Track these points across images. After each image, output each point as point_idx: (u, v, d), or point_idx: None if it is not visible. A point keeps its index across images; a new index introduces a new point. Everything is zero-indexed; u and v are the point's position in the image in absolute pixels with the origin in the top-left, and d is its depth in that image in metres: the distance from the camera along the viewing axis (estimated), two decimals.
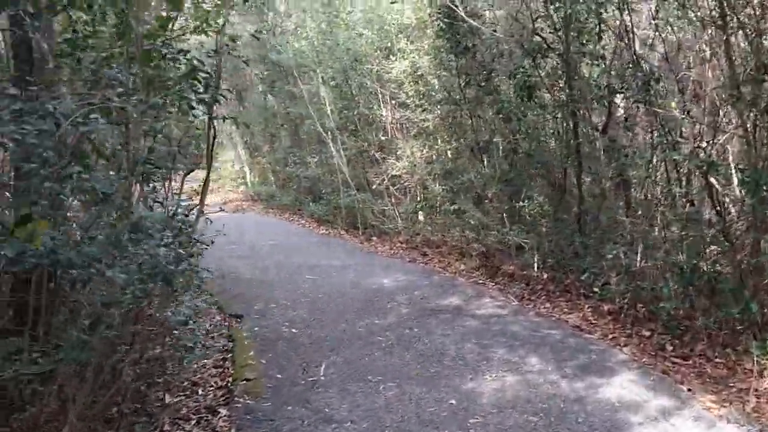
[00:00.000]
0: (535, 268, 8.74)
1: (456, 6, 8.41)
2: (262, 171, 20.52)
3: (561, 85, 8.34)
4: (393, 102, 12.47)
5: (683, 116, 6.35)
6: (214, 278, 8.80)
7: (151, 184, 4.04)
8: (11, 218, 2.56)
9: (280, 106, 17.60)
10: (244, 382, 5.17)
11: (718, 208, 6.03)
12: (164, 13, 3.57)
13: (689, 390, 4.91)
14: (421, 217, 11.94)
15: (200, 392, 5.09)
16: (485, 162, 9.98)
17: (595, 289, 7.19)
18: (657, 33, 7.16)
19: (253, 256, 10.88)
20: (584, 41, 7.76)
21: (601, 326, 6.64)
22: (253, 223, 15.37)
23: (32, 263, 2.42)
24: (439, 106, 10.83)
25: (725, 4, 5.47)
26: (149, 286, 3.05)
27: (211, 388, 5.20)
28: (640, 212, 7.42)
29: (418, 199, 11.94)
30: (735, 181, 6.26)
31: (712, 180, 5.93)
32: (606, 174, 7.90)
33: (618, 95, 7.66)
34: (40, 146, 2.48)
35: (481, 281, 8.98)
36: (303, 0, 15.23)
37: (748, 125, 5.63)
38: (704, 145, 6.08)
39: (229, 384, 5.21)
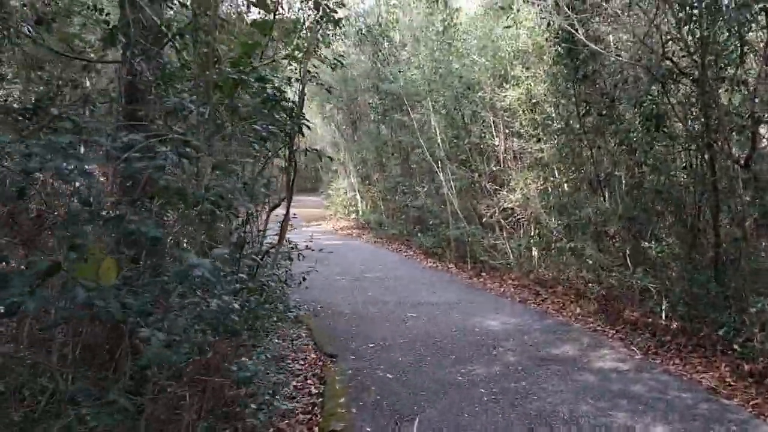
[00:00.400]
0: (663, 317, 7.86)
1: (575, 29, 7.81)
2: (373, 199, 20.46)
3: (695, 114, 7.52)
4: (506, 131, 11.91)
5: None
6: (311, 313, 8.65)
7: (232, 222, 3.81)
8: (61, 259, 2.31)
9: (391, 135, 17.49)
10: None
11: None
12: (251, 40, 3.32)
13: None
14: (534, 253, 11.23)
15: None
16: (606, 196, 9.20)
17: (735, 346, 6.29)
18: None
19: (356, 288, 10.62)
20: (723, 65, 6.95)
21: (741, 390, 5.74)
22: (360, 253, 15.20)
23: (65, 316, 2.18)
24: (555, 136, 10.17)
25: None
26: (210, 339, 2.74)
27: None
28: None
29: (532, 234, 11.25)
30: None
31: None
32: (748, 214, 6.95)
33: (763, 125, 6.76)
34: (85, 184, 2.25)
35: (599, 328, 8.18)
36: (417, 29, 15.05)
37: None
38: None
39: None
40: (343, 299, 9.69)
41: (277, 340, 7.33)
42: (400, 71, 15.07)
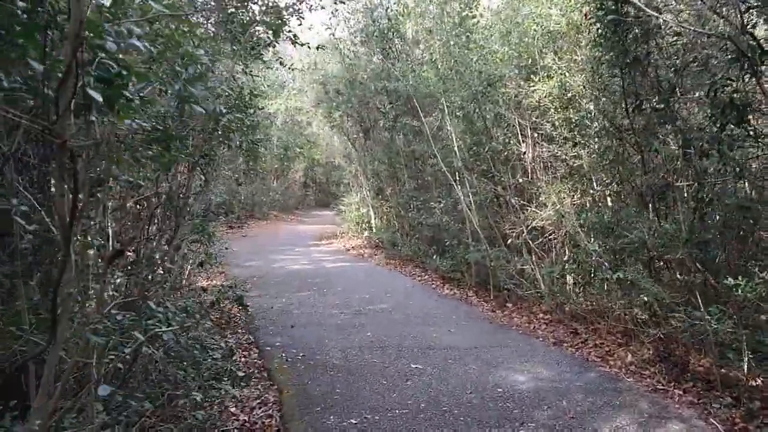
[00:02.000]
0: (745, 370, 5.92)
1: None
2: (387, 216, 18.56)
3: None
4: (534, 135, 10.00)
5: None
6: (288, 364, 6.89)
7: None
8: None
9: (403, 143, 15.63)
10: None
11: None
12: None
13: None
14: (570, 279, 9.27)
15: None
16: (661, 214, 7.26)
17: None
18: None
19: (355, 326, 8.76)
20: None
21: None
22: (368, 278, 13.31)
23: None
24: (596, 139, 8.22)
25: None
26: None
27: None
28: None
29: (566, 258, 9.28)
30: None
31: None
32: None
33: None
34: None
35: (660, 385, 6.24)
36: (429, 17, 13.18)
37: None
38: None
39: None
40: (334, 343, 7.85)
41: (233, 409, 5.56)
42: (413, 69, 13.23)
